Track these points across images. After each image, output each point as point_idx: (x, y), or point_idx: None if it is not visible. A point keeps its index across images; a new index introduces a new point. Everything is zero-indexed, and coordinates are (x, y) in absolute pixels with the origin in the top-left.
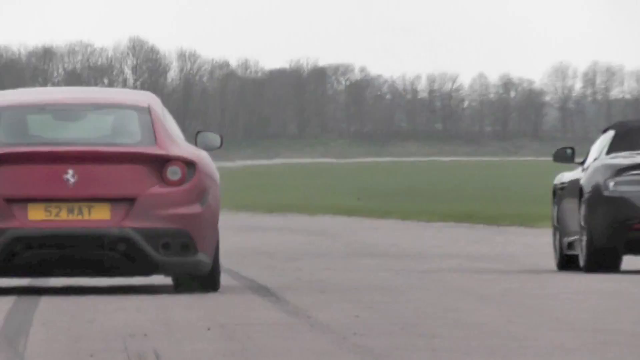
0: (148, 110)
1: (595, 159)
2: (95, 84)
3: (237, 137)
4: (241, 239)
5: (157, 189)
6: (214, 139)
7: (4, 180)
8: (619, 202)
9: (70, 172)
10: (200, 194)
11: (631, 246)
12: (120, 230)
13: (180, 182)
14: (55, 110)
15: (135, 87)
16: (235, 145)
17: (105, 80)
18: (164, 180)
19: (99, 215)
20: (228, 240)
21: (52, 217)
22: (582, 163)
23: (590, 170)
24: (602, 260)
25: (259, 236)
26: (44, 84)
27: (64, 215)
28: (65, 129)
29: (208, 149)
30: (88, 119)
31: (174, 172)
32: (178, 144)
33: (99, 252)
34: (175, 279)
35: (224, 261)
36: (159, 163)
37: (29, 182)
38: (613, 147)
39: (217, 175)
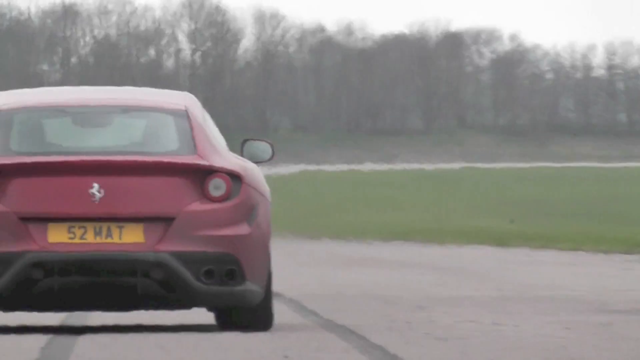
0: (186, 114)
1: None
2: (137, 58)
3: (337, 132)
4: (345, 276)
5: (198, 206)
6: (264, 149)
7: (19, 195)
8: None
9: (96, 186)
10: (247, 212)
11: None
12: (156, 255)
13: (224, 198)
14: (77, 114)
15: (193, 61)
16: (334, 142)
17: (152, 51)
18: (205, 196)
19: (131, 238)
20: (327, 278)
21: (77, 240)
22: None
23: None
24: None
25: (370, 273)
26: (65, 57)
27: (90, 237)
28: (89, 135)
29: (256, 160)
30: (116, 124)
31: (217, 187)
32: (221, 154)
33: (130, 281)
34: (218, 314)
35: (320, 309)
36: (199, 176)
37: (49, 198)
38: None
39: (267, 189)
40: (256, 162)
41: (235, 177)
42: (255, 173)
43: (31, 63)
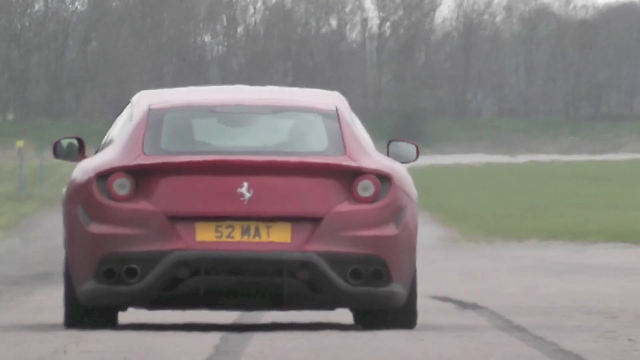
0: (336, 114)
1: None
2: (316, 28)
3: (551, 117)
4: (557, 286)
5: (346, 207)
6: (409, 149)
7: (168, 194)
8: None
9: (246, 185)
10: (395, 213)
11: None
12: (303, 255)
13: (373, 199)
14: (227, 114)
15: (381, 33)
16: (547, 129)
17: (333, 21)
18: (353, 197)
19: (278, 237)
20: (536, 288)
21: (224, 239)
22: None
23: None
24: None
25: (586, 282)
26: (230, 26)
27: (237, 236)
28: (238, 135)
29: (401, 160)
30: (265, 124)
31: (365, 188)
32: (370, 155)
33: (277, 280)
34: (358, 314)
35: (528, 324)
36: (348, 176)
37: (197, 197)
38: None
39: (414, 191)
40: (401, 162)
41: (384, 178)
42: (404, 174)
43: (190, 34)
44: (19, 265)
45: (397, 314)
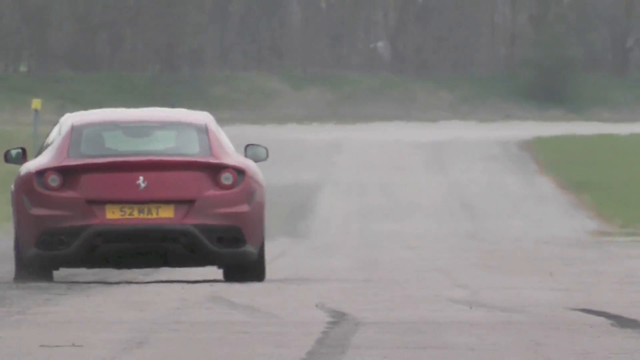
0: (205, 128)
1: None
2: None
3: None
4: None
5: (213, 192)
6: (261, 151)
7: (86, 186)
8: None
9: (141, 178)
10: (248, 196)
11: None
12: (183, 227)
13: (232, 186)
14: (127, 127)
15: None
16: None
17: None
18: (218, 185)
19: (165, 214)
20: None
21: (126, 216)
22: None
23: None
24: None
25: None
26: None
27: (135, 214)
28: (136, 143)
29: (255, 160)
30: (155, 134)
31: (227, 178)
32: (230, 156)
33: (164, 245)
34: (225, 270)
35: None
36: (214, 170)
37: (107, 187)
38: None
39: (263, 181)
40: (255, 161)
41: (240, 172)
42: (255, 168)
43: None
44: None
45: (251, 270)
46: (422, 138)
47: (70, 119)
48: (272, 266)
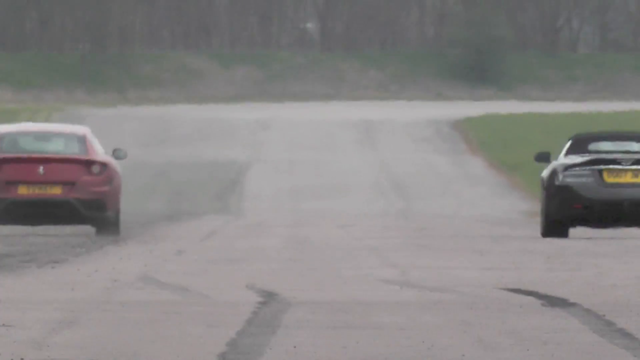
0: (84, 136)
1: (556, 160)
2: None
3: None
4: None
5: (87, 178)
6: (121, 153)
7: (5, 171)
8: (565, 190)
9: (41, 168)
10: (109, 181)
11: (574, 220)
12: (66, 199)
13: (99, 174)
14: (33, 134)
15: None
16: None
17: None
18: (90, 173)
19: (56, 191)
20: None
21: (31, 192)
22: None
23: (549, 167)
24: (555, 229)
25: None
26: None
27: (37, 191)
28: (39, 145)
29: (116, 157)
30: (51, 140)
31: (95, 169)
32: (99, 155)
33: (54, 211)
34: (95, 228)
35: None
36: (88, 164)
37: (19, 173)
38: (568, 151)
39: (120, 170)
40: (117, 159)
41: (104, 165)
42: (115, 163)
43: None
44: None
45: (111, 227)
46: (352, 117)
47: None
48: (203, 246)
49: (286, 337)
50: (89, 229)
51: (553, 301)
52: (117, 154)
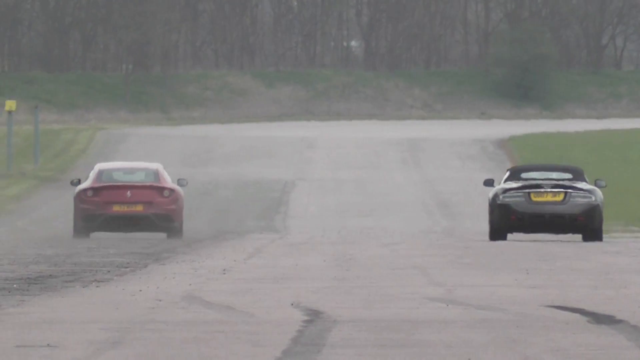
0: (157, 170)
1: (498, 185)
2: None
3: None
4: None
5: (159, 199)
6: (184, 181)
7: (104, 195)
8: (504, 206)
9: (129, 192)
10: (177, 201)
11: (511, 228)
12: (145, 214)
13: (169, 196)
14: (123, 170)
15: None
16: None
17: None
18: (162, 196)
19: (138, 209)
20: None
21: (121, 209)
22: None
23: (493, 190)
24: (497, 235)
25: None
26: None
27: (125, 208)
28: (125, 176)
29: (180, 185)
30: (137, 173)
31: (166, 193)
32: (169, 183)
33: (138, 222)
34: (167, 234)
35: None
36: (161, 189)
37: (114, 196)
38: (507, 179)
39: (183, 194)
40: (180, 186)
41: (172, 190)
42: (180, 189)
43: None
44: None
45: (177, 233)
46: (396, 135)
47: (98, 166)
48: (248, 264)
49: (332, 356)
50: (161, 235)
51: (599, 318)
52: (180, 182)
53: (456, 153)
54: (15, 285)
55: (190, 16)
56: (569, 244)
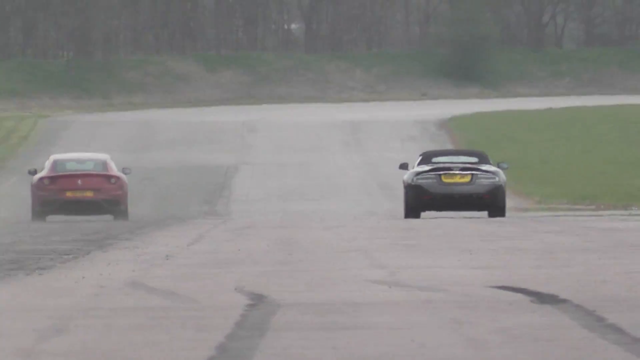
0: (106, 160)
1: (412, 168)
2: None
3: None
4: None
5: (107, 186)
6: (128, 170)
7: (59, 183)
8: (418, 187)
9: (79, 181)
10: (121, 187)
11: (424, 207)
12: (96, 199)
13: (114, 183)
14: (66, 161)
15: None
16: None
17: None
18: (111, 183)
19: (89, 195)
20: None
21: (74, 195)
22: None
23: (407, 173)
24: (412, 213)
25: None
26: None
27: (77, 194)
28: (77, 164)
29: (125, 173)
30: (87, 162)
31: (113, 180)
32: (114, 171)
33: (88, 207)
34: (113, 216)
35: (631, 323)
36: (108, 177)
37: (68, 184)
38: (420, 163)
39: (127, 181)
40: (125, 174)
41: (117, 178)
42: (124, 176)
43: None
44: None
45: (123, 215)
46: (338, 118)
47: (53, 157)
48: (191, 250)
49: (276, 339)
50: (109, 217)
51: (543, 298)
52: (124, 170)
53: (397, 134)
54: None
55: (130, 1)
56: (513, 223)
